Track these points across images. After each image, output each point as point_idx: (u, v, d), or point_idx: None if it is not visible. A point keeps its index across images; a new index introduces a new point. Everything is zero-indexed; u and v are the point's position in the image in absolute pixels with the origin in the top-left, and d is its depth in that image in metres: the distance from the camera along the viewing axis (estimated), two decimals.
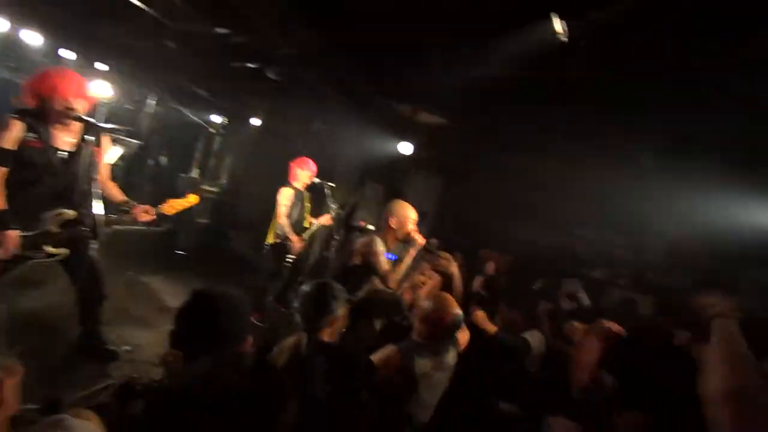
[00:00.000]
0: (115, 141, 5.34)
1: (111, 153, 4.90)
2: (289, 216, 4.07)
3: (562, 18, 2.36)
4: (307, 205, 4.30)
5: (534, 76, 3.27)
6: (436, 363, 1.96)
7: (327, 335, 1.63)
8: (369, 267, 2.58)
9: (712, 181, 3.41)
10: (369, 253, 2.57)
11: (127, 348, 3.00)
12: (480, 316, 2.69)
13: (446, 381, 2.02)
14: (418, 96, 4.55)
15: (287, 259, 4.12)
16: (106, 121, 5.31)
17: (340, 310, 1.65)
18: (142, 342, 3.16)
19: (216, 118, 7.17)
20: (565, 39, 2.46)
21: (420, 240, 2.59)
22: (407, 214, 2.67)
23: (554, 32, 2.39)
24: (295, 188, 4.15)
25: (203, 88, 6.11)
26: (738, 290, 4.31)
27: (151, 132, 6.42)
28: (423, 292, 2.66)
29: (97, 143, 2.47)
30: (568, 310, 3.61)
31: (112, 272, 4.10)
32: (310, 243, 4.41)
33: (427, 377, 1.92)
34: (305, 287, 1.71)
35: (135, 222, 2.70)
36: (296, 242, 4.10)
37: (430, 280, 2.79)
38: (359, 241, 2.71)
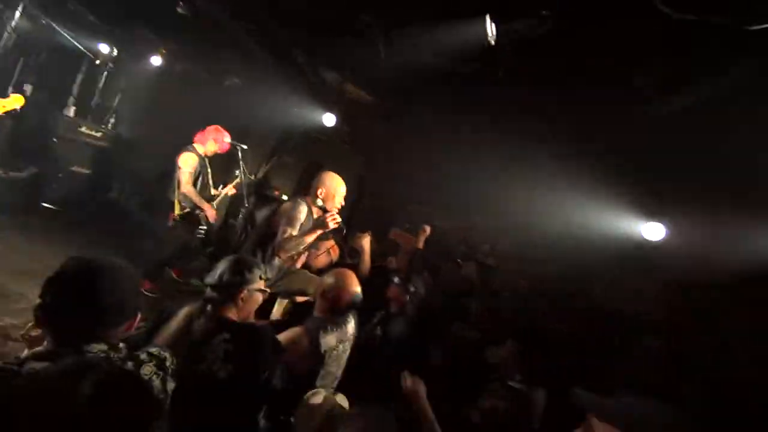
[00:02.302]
0: None
1: None
2: (193, 184, 3.69)
3: (495, 21, 2.48)
4: (209, 172, 3.94)
5: (458, 71, 3.41)
6: (340, 335, 2.03)
7: (233, 313, 1.55)
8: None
9: (596, 190, 4.01)
10: (285, 215, 2.48)
11: None
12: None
13: (349, 349, 2.12)
14: (347, 69, 4.41)
15: (199, 230, 3.77)
16: None
17: (253, 285, 1.58)
18: None
19: (104, 48, 6.02)
20: (492, 42, 2.59)
21: (332, 225, 2.50)
22: (337, 188, 2.64)
23: (484, 34, 2.50)
24: (198, 154, 3.76)
25: (89, 8, 5.08)
26: (594, 287, 5.22)
27: (11, 50, 5.13)
28: (318, 262, 2.70)
29: None
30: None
31: None
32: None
33: (333, 350, 1.98)
34: (222, 261, 1.60)
35: None
36: (210, 211, 3.78)
37: (327, 254, 2.83)
38: (284, 204, 2.61)
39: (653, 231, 4.24)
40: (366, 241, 2.84)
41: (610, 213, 4.29)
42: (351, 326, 2.13)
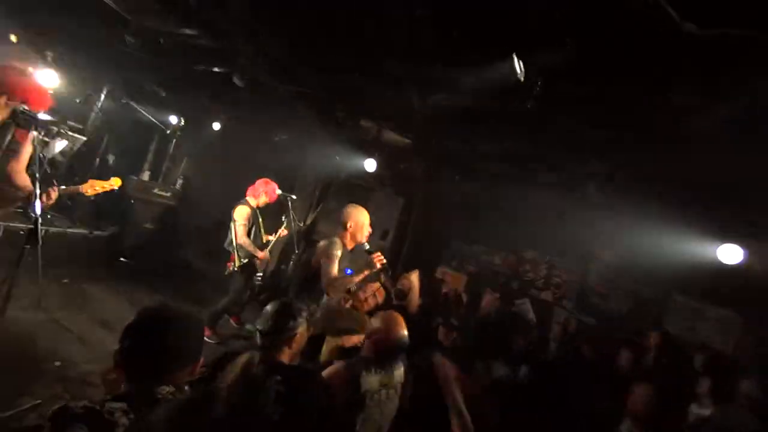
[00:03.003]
0: (56, 134, 4.97)
1: (52, 146, 4.56)
2: (247, 235, 3.96)
3: (522, 59, 2.54)
4: (261, 222, 4.21)
5: (492, 109, 3.48)
6: (384, 380, 1.97)
7: (285, 355, 1.61)
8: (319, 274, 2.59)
9: (648, 214, 3.76)
10: (324, 255, 2.57)
11: (57, 363, 2.75)
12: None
13: (396, 399, 2.03)
14: (383, 115, 4.65)
15: (256, 278, 4.00)
16: (51, 115, 4.93)
17: (300, 329, 1.64)
18: (75, 358, 2.91)
19: (173, 119, 6.85)
20: (521, 78, 2.65)
21: (378, 266, 2.61)
22: (363, 219, 2.72)
23: (513, 71, 2.56)
24: (251, 206, 4.05)
25: (161, 87, 5.85)
26: (667, 313, 4.75)
27: (99, 128, 6.00)
28: (367, 306, 2.70)
29: (20, 126, 2.27)
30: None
31: (47, 279, 3.79)
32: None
33: (375, 394, 1.92)
34: (267, 307, 1.68)
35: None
36: (264, 257, 4.01)
37: (374, 297, 2.84)
38: (320, 244, 2.71)
39: (730, 254, 3.84)
40: (415, 278, 2.84)
41: (682, 237, 3.94)
42: (399, 373, 2.06)
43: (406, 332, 2.03)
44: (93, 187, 2.68)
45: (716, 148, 2.96)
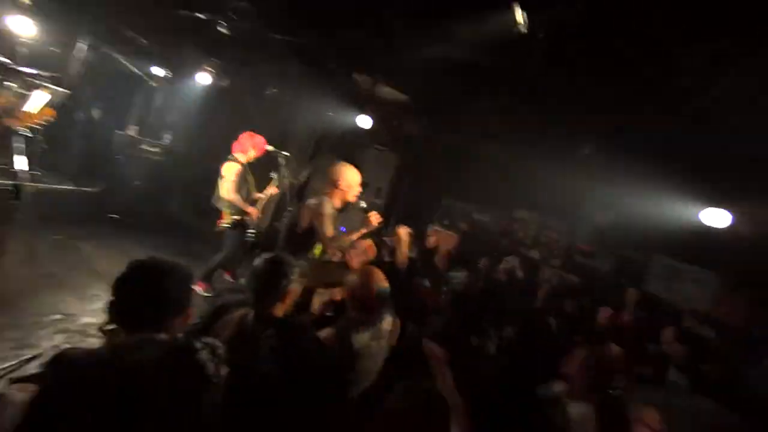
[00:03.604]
0: (38, 87, 4.75)
1: (34, 99, 4.37)
2: (237, 191, 3.92)
3: (526, 12, 2.43)
4: (251, 178, 4.14)
5: (491, 63, 3.36)
6: (373, 333, 2.03)
7: (277, 310, 1.65)
8: (314, 231, 2.61)
9: (639, 176, 3.78)
10: (316, 215, 2.59)
11: (57, 317, 2.82)
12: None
13: (386, 347, 2.12)
14: (379, 70, 4.48)
15: (248, 234, 4.00)
16: (27, 65, 4.67)
17: (292, 285, 1.67)
18: (74, 310, 2.98)
19: (158, 71, 6.54)
20: (524, 30, 2.54)
21: (375, 225, 2.65)
22: (354, 178, 2.72)
23: (515, 23, 2.45)
24: (240, 162, 3.98)
25: (144, 36, 5.54)
26: (648, 276, 4.91)
27: (81, 80, 5.73)
28: (354, 262, 2.74)
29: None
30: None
31: (38, 236, 3.79)
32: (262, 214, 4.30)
33: (366, 348, 1.99)
34: (257, 262, 1.70)
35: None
36: (255, 214, 4.00)
37: (365, 253, 2.88)
38: (309, 202, 2.71)
39: (717, 218, 3.90)
40: (403, 233, 2.86)
41: (667, 200, 3.99)
42: (386, 323, 2.12)
43: (385, 284, 2.07)
44: (24, 121, 2.51)
45: (709, 113, 2.93)
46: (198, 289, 3.67)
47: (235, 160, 3.95)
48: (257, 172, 4.23)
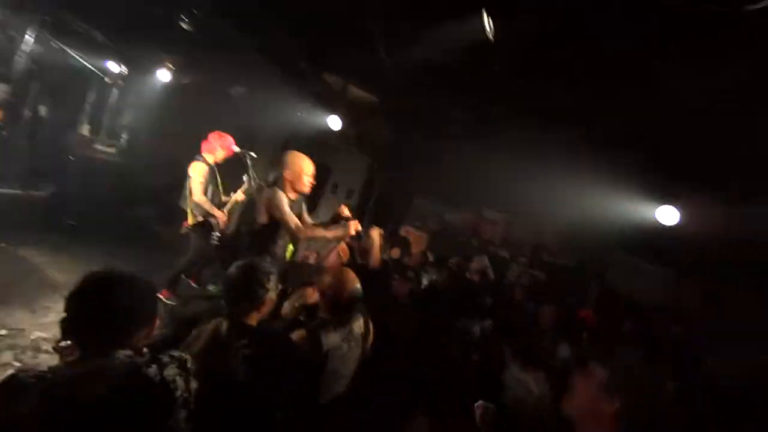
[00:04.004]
0: None
1: None
2: (204, 193, 3.78)
3: (492, 16, 2.48)
4: (219, 180, 4.02)
5: (461, 66, 3.41)
6: (344, 335, 2.02)
7: (252, 319, 1.60)
8: (276, 224, 2.55)
9: (610, 177, 3.98)
10: (272, 207, 2.53)
11: (3, 332, 2.60)
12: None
13: (358, 350, 2.10)
14: (349, 70, 4.45)
15: (213, 238, 3.86)
16: None
17: (268, 294, 1.62)
18: (23, 325, 2.76)
19: (113, 66, 6.18)
20: (491, 37, 2.60)
21: (354, 233, 2.63)
22: (302, 167, 2.64)
23: (483, 29, 2.50)
24: (208, 163, 3.84)
25: (98, 29, 5.22)
26: (608, 269, 5.18)
27: (27, 75, 5.31)
28: (328, 263, 2.72)
29: None
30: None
31: None
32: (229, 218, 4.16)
33: (337, 349, 1.97)
34: (230, 269, 1.63)
35: None
36: (221, 218, 3.86)
37: (338, 256, 2.86)
38: (263, 196, 2.64)
39: (667, 215, 4.18)
40: (376, 235, 2.85)
41: (625, 199, 4.24)
42: (357, 325, 2.11)
43: (358, 285, 2.08)
44: None
45: (666, 114, 3.12)
46: (162, 297, 3.51)
47: (203, 161, 3.81)
48: (226, 174, 4.10)
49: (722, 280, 4.15)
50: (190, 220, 3.80)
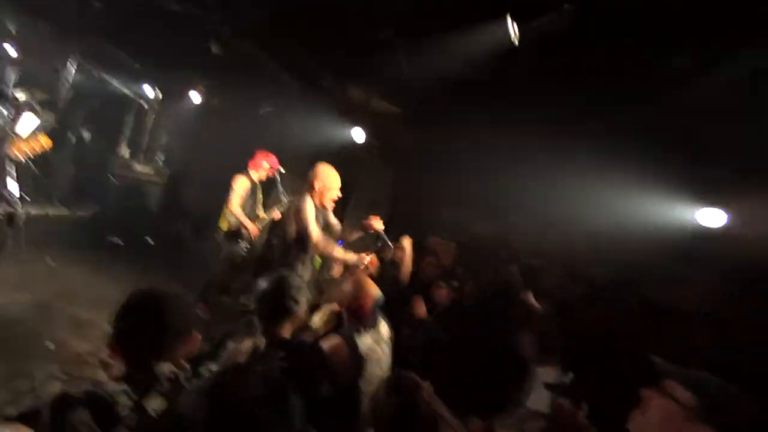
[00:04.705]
0: (24, 109, 4.71)
1: (24, 123, 4.33)
2: (242, 207, 3.90)
3: (516, 21, 2.46)
4: (260, 197, 4.15)
5: (484, 74, 3.39)
6: (374, 337, 2.05)
7: (286, 331, 1.61)
8: (303, 236, 2.57)
9: (635, 182, 3.82)
10: (299, 216, 2.55)
11: (51, 345, 2.72)
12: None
13: (389, 350, 2.11)
14: (371, 83, 4.51)
15: (242, 248, 3.96)
16: (15, 86, 4.63)
17: (300, 308, 1.63)
18: (68, 339, 2.88)
19: (149, 91, 6.53)
20: (516, 42, 2.57)
21: (379, 228, 2.62)
22: (332, 180, 2.67)
23: (507, 35, 2.48)
24: (252, 179, 3.98)
25: (134, 57, 5.53)
26: (650, 281, 4.92)
27: (71, 103, 5.69)
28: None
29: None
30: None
31: (30, 262, 3.70)
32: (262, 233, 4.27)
33: (372, 352, 2.00)
34: (262, 283, 1.66)
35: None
36: (253, 229, 3.96)
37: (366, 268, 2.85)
38: (291, 206, 2.67)
39: (712, 218, 3.94)
40: (407, 244, 2.85)
41: (663, 201, 4.04)
42: (383, 328, 2.13)
43: (378, 291, 2.11)
44: (21, 150, 2.48)
45: (703, 113, 2.98)
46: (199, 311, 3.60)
47: (247, 176, 3.96)
48: (266, 194, 4.24)
49: None
50: (224, 227, 3.90)
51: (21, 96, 4.33)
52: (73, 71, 5.50)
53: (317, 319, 2.78)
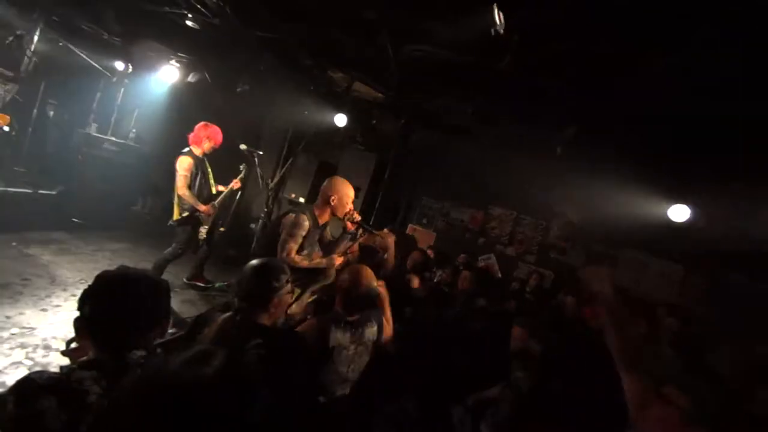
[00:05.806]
0: None
1: None
2: (191, 186, 3.77)
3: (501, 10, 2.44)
4: (209, 170, 4.00)
5: (468, 62, 3.37)
6: (354, 337, 1.99)
7: (264, 318, 1.58)
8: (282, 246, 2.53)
9: (608, 174, 3.93)
10: (286, 230, 2.50)
11: (15, 331, 2.61)
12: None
13: (366, 356, 2.06)
14: (355, 67, 4.42)
15: (200, 232, 3.85)
16: None
17: (282, 295, 1.60)
18: (34, 323, 2.77)
19: (119, 65, 6.17)
20: (501, 31, 2.56)
21: (357, 218, 2.61)
22: (348, 193, 2.64)
23: (493, 24, 2.47)
24: (195, 155, 3.82)
25: (102, 26, 5.21)
26: (617, 266, 5.13)
27: (34, 75, 5.33)
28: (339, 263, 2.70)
29: None
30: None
31: None
32: (220, 210, 4.15)
33: (343, 350, 1.95)
34: (246, 267, 1.62)
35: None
36: (206, 211, 3.85)
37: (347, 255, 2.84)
38: (286, 218, 2.62)
39: (678, 213, 4.13)
40: (391, 240, 2.84)
41: (635, 197, 4.20)
42: (371, 331, 2.07)
43: (374, 283, 2.06)
44: None
45: (673, 112, 3.07)
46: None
47: (189, 154, 3.80)
48: (220, 167, 4.10)
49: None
50: (176, 215, 3.78)
51: None
52: (36, 40, 5.13)
53: (296, 307, 2.77)
